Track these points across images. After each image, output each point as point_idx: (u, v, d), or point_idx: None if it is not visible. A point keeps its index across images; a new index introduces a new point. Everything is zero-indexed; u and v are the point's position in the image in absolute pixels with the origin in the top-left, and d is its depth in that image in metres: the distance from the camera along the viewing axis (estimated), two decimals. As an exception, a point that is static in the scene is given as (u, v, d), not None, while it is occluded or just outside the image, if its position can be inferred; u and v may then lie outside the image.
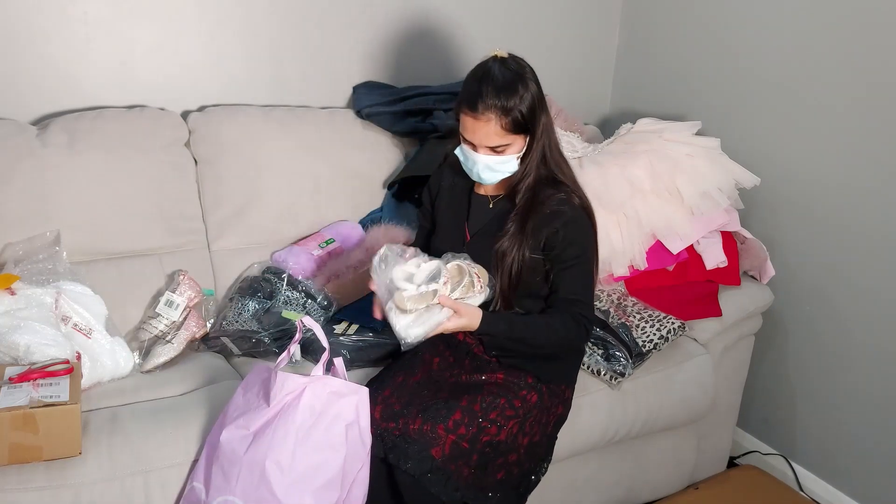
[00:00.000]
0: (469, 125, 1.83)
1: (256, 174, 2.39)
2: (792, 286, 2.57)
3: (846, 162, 2.38)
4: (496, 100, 1.78)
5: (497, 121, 1.79)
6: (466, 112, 1.81)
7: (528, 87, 1.82)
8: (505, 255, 1.87)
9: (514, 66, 1.83)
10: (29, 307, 1.92)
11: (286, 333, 2.14)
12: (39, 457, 1.69)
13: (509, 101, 1.78)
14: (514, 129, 1.82)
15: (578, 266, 1.89)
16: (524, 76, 1.82)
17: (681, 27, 2.83)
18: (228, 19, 2.47)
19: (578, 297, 1.89)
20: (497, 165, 1.86)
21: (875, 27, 2.26)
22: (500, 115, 1.79)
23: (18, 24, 2.24)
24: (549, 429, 1.97)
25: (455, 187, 2.03)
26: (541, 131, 1.86)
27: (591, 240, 1.93)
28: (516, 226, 1.87)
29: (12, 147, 2.15)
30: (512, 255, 1.86)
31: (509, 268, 1.87)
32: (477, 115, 1.79)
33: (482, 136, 1.82)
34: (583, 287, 1.91)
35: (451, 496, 1.76)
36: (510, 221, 1.89)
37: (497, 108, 1.78)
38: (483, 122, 1.80)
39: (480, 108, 1.78)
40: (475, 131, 1.82)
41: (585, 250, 1.91)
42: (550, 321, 1.87)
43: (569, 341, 1.94)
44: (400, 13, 2.68)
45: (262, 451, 1.67)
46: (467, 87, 1.82)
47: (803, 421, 2.63)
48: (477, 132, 1.82)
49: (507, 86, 1.79)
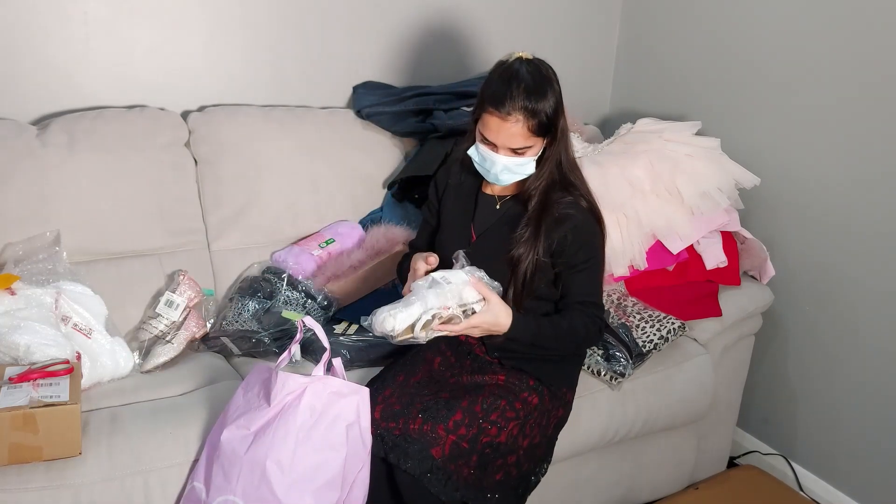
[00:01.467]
0: (494, 125, 1.81)
1: (256, 174, 2.39)
2: (792, 286, 2.57)
3: (846, 162, 2.38)
4: (526, 101, 1.77)
5: (524, 122, 1.79)
6: (493, 112, 1.80)
7: (554, 91, 1.82)
8: (520, 261, 1.88)
9: (542, 68, 1.83)
10: (29, 307, 1.92)
11: (286, 333, 2.14)
12: (39, 457, 1.69)
13: (538, 104, 1.78)
14: (539, 131, 1.82)
15: (589, 269, 1.92)
16: (551, 79, 1.83)
17: (681, 27, 2.83)
18: (228, 19, 2.47)
19: (590, 299, 1.92)
20: (516, 167, 1.86)
21: (875, 27, 2.26)
22: (527, 117, 1.79)
23: (18, 24, 2.24)
24: (549, 431, 1.97)
25: (462, 186, 2.03)
26: (560, 135, 1.87)
27: (600, 242, 1.95)
28: (530, 231, 1.88)
29: (12, 147, 2.15)
30: (526, 260, 1.87)
31: (524, 273, 1.88)
32: (504, 116, 1.79)
33: (506, 137, 1.81)
34: (594, 289, 1.94)
35: (450, 496, 1.76)
36: (523, 227, 1.89)
37: (526, 110, 1.78)
38: (511, 123, 1.79)
39: (508, 109, 1.78)
40: (500, 132, 1.81)
41: (595, 253, 1.93)
42: (573, 323, 1.89)
43: (587, 342, 2.04)
44: (400, 13, 2.68)
45: (263, 450, 1.67)
46: (493, 86, 1.81)
47: (803, 421, 2.63)
48: (501, 133, 1.81)
49: (536, 88, 1.79)
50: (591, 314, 1.91)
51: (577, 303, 1.91)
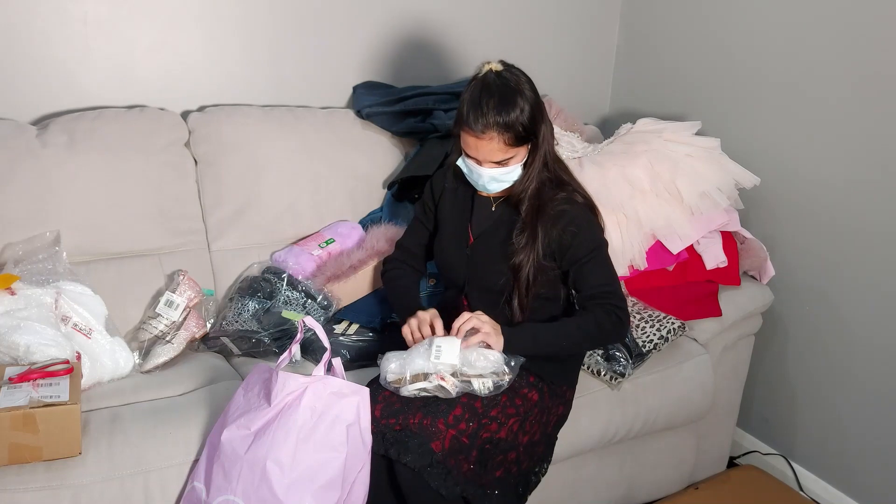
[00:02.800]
0: (472, 143, 1.82)
1: (256, 174, 2.39)
2: (792, 286, 2.57)
3: (846, 162, 2.38)
4: (497, 117, 1.77)
5: (499, 138, 1.79)
6: (468, 131, 1.80)
7: (527, 98, 1.80)
8: (521, 268, 1.88)
9: (510, 77, 1.81)
10: (29, 307, 1.92)
11: (286, 333, 2.14)
12: (39, 457, 1.69)
13: (510, 116, 1.77)
14: (517, 142, 1.82)
15: (595, 258, 1.90)
16: (520, 87, 1.81)
17: (681, 27, 2.83)
18: (228, 19, 2.47)
19: (605, 288, 1.90)
20: (503, 176, 1.87)
21: (875, 28, 2.26)
22: (501, 132, 1.78)
23: (18, 24, 2.24)
24: (549, 428, 1.97)
25: (458, 189, 2.03)
26: (542, 138, 1.86)
27: (600, 232, 1.94)
28: (527, 236, 1.88)
29: (12, 147, 2.15)
30: (527, 266, 1.87)
31: (525, 279, 1.88)
32: (479, 135, 1.79)
33: (486, 153, 1.82)
34: (606, 277, 1.92)
35: (451, 491, 1.76)
36: (519, 232, 1.89)
37: (499, 126, 1.77)
38: (486, 141, 1.79)
39: (482, 127, 1.78)
40: (478, 149, 1.82)
41: (598, 243, 1.92)
42: (581, 322, 1.89)
43: (607, 336, 1.95)
44: (400, 13, 2.68)
45: (263, 450, 1.67)
46: (466, 105, 1.80)
47: (803, 421, 2.63)
48: (480, 150, 1.82)
49: (505, 101, 1.77)
50: (608, 305, 1.88)
51: (590, 297, 1.90)
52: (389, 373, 1.80)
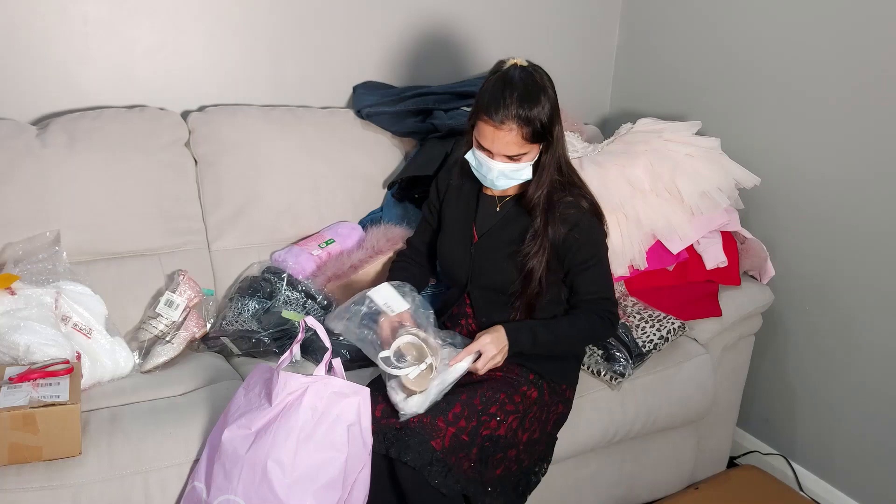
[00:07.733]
0: (488, 133, 1.82)
1: (256, 174, 2.39)
2: (792, 286, 2.57)
3: (846, 162, 2.38)
4: (519, 109, 1.77)
5: (518, 130, 1.79)
6: (487, 120, 1.81)
7: (549, 97, 1.82)
8: (533, 272, 1.90)
9: (535, 74, 1.83)
10: (29, 307, 1.92)
11: (286, 333, 2.14)
12: (39, 457, 1.69)
13: (531, 111, 1.78)
14: (534, 138, 1.82)
15: (595, 266, 1.94)
16: (545, 85, 1.83)
17: (681, 27, 2.84)
18: (228, 19, 2.47)
19: (601, 295, 1.95)
20: (512, 173, 1.87)
21: (875, 28, 2.26)
22: (521, 125, 1.79)
23: (18, 24, 2.23)
24: (548, 427, 1.98)
25: (463, 187, 2.04)
26: (556, 139, 1.87)
27: (603, 239, 1.97)
28: (539, 242, 1.89)
29: (12, 147, 2.15)
30: (539, 270, 1.90)
31: (537, 282, 1.90)
32: (498, 125, 1.79)
33: (501, 146, 1.82)
34: (603, 285, 1.96)
35: (451, 488, 1.76)
36: (531, 238, 1.90)
37: (519, 119, 1.78)
38: (504, 132, 1.80)
39: (502, 118, 1.78)
40: (494, 140, 1.82)
41: (598, 250, 1.95)
42: (575, 321, 1.93)
43: (595, 337, 2.05)
44: (400, 13, 2.68)
45: (264, 450, 1.67)
46: (487, 94, 1.81)
47: (803, 421, 2.63)
48: (496, 141, 1.82)
49: (529, 95, 1.79)
50: (602, 310, 1.93)
51: (585, 301, 1.94)
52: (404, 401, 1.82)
